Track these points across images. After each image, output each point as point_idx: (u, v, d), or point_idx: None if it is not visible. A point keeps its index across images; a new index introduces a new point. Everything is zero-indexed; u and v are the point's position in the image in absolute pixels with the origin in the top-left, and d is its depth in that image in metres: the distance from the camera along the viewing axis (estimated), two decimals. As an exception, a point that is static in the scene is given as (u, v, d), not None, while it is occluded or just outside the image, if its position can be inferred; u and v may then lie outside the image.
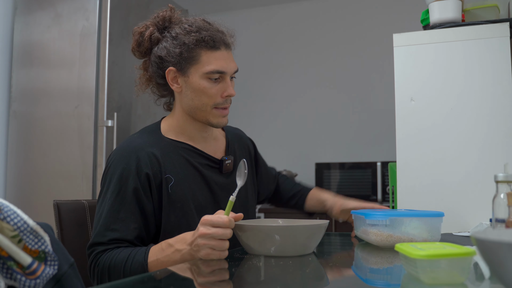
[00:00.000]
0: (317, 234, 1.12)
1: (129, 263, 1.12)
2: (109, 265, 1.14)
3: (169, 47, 1.26)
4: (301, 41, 4.00)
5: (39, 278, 0.73)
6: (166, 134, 1.32)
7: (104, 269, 1.14)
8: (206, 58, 1.25)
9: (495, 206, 1.00)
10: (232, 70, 1.28)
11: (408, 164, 1.68)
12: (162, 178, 1.23)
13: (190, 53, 1.25)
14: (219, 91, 1.27)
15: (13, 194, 2.68)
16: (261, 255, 1.08)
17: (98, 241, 1.17)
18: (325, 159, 3.69)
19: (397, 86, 1.73)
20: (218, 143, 1.41)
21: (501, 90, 1.62)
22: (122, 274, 1.12)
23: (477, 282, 0.82)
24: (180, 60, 1.25)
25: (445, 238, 1.33)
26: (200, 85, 1.25)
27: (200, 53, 1.25)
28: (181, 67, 1.26)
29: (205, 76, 1.25)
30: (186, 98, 1.29)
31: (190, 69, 1.26)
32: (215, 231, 1.00)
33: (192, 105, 1.28)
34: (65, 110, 2.60)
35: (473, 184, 1.61)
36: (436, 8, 1.73)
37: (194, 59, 1.25)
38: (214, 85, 1.26)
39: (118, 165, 1.22)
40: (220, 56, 1.26)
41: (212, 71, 1.24)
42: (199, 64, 1.25)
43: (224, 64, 1.26)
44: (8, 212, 0.72)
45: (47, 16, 2.72)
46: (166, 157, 1.25)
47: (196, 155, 1.31)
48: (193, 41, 1.24)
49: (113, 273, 1.13)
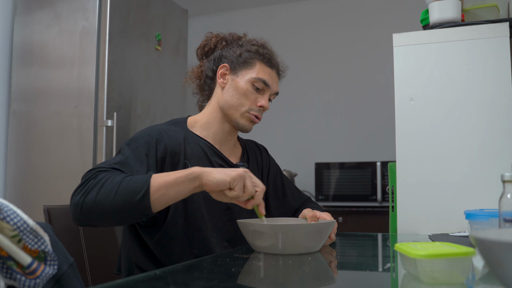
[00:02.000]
0: (324, 233, 1.12)
1: (129, 178, 1.06)
2: (107, 179, 1.05)
3: (232, 49, 1.41)
4: (300, 41, 4.00)
5: (39, 278, 0.73)
6: (191, 128, 1.39)
7: (100, 182, 1.05)
8: (259, 67, 1.38)
9: (502, 205, 0.99)
10: (274, 89, 1.41)
11: (407, 164, 1.68)
12: (181, 161, 1.27)
13: (248, 58, 1.38)
14: (256, 100, 1.37)
15: (12, 193, 2.68)
16: (268, 253, 1.09)
17: (98, 166, 1.13)
18: (324, 159, 3.69)
19: (396, 86, 1.73)
20: (236, 150, 1.47)
21: (500, 89, 1.62)
22: (118, 185, 1.03)
23: (476, 282, 0.82)
24: (236, 60, 1.38)
25: (440, 238, 1.34)
26: (244, 87, 1.36)
27: (256, 62, 1.38)
28: (234, 66, 1.38)
29: (252, 81, 1.36)
30: (226, 94, 1.38)
31: (242, 71, 1.38)
32: (257, 181, 1.08)
33: (229, 102, 1.37)
34: (64, 109, 2.60)
35: (472, 183, 1.61)
36: (435, 8, 1.73)
37: (249, 64, 1.38)
38: (255, 93, 1.37)
39: (142, 134, 1.26)
40: (271, 73, 1.40)
41: (260, 79, 1.36)
42: (251, 70, 1.37)
43: (271, 80, 1.39)
44: (8, 212, 0.72)
45: (46, 15, 2.72)
46: (188, 145, 1.31)
47: (214, 153, 1.37)
48: (254, 50, 1.38)
49: (108, 184, 1.04)
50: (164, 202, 1.06)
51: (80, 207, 1.04)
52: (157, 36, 2.97)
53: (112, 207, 1.03)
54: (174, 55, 3.17)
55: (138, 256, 1.28)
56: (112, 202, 1.03)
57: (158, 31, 2.99)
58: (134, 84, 2.76)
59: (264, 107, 1.37)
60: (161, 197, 1.04)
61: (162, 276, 0.88)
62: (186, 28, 3.35)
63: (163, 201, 1.05)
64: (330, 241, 1.27)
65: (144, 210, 1.04)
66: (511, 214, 0.98)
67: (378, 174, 3.20)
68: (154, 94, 2.94)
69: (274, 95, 1.43)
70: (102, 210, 1.04)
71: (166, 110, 3.05)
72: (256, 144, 1.59)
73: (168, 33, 3.11)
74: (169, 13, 3.15)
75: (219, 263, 1.01)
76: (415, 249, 0.76)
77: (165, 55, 3.07)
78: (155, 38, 2.96)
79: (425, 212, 1.64)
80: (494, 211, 1.24)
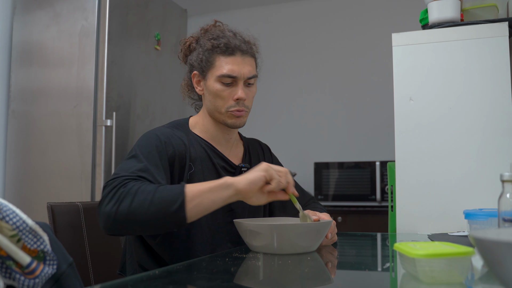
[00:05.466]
0: (320, 233, 1.12)
1: (163, 188, 1.06)
2: (139, 188, 1.05)
3: (196, 54, 1.37)
4: (300, 41, 4.00)
5: (38, 277, 0.73)
6: (193, 129, 1.39)
7: (131, 190, 1.04)
8: (220, 63, 1.32)
9: (501, 205, 0.99)
10: (244, 75, 1.32)
11: (407, 163, 1.68)
12: (186, 162, 1.28)
13: (208, 58, 1.33)
14: (230, 94, 1.32)
15: (12, 193, 2.68)
16: (265, 253, 1.09)
17: (121, 173, 1.11)
18: (324, 159, 3.69)
19: (396, 86, 1.74)
20: (237, 150, 1.46)
21: (499, 89, 1.62)
22: (153, 194, 1.03)
23: (475, 282, 0.82)
24: (201, 65, 1.35)
25: (440, 238, 1.34)
26: (214, 88, 1.32)
27: (215, 58, 1.33)
28: (202, 71, 1.35)
29: (218, 79, 1.32)
30: (206, 100, 1.37)
31: (208, 74, 1.34)
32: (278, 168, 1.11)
33: (210, 107, 1.36)
34: (64, 109, 2.60)
35: (471, 183, 1.61)
36: (435, 7, 1.73)
37: (211, 63, 1.33)
38: (226, 89, 1.32)
39: (150, 139, 1.25)
40: (233, 61, 1.32)
41: (223, 74, 1.31)
42: (214, 69, 1.33)
43: (235, 68, 1.32)
44: (7, 212, 0.72)
45: (46, 15, 2.71)
46: (192, 147, 1.32)
47: (216, 155, 1.37)
48: (210, 47, 1.33)
49: (141, 193, 1.04)
50: (199, 212, 1.07)
51: (114, 217, 1.03)
52: (156, 35, 2.97)
53: (147, 217, 1.03)
54: (174, 55, 3.17)
55: (142, 256, 1.29)
56: (147, 212, 1.03)
57: (157, 31, 2.99)
58: (133, 84, 2.76)
59: (240, 98, 1.31)
60: (196, 206, 1.05)
61: (161, 275, 0.88)
62: (185, 28, 3.35)
63: (198, 211, 1.06)
64: (332, 241, 1.27)
65: (179, 220, 1.05)
66: (510, 213, 0.98)
67: (377, 174, 3.20)
68: (153, 93, 2.94)
69: (251, 79, 1.34)
70: (136, 220, 1.04)
71: (165, 109, 3.05)
72: (260, 143, 1.58)
73: (167, 33, 3.10)
74: (168, 13, 3.15)
75: (218, 262, 1.01)
76: (414, 248, 0.76)
77: (164, 54, 3.06)
78: (154, 37, 2.96)
79: (424, 211, 1.64)
80: (493, 211, 1.24)
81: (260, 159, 1.51)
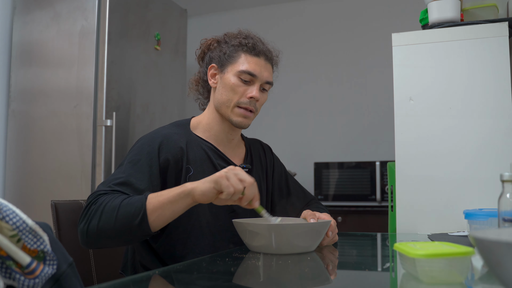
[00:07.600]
0: (318, 233, 1.12)
1: (126, 202, 1.09)
2: (106, 204, 1.09)
3: (219, 48, 1.39)
4: (300, 41, 4.00)
5: (38, 277, 0.73)
6: (194, 130, 1.39)
7: (100, 208, 1.09)
8: (244, 59, 1.35)
9: (501, 205, 0.99)
10: (263, 78, 1.36)
11: (407, 163, 1.68)
12: (183, 166, 1.28)
13: (232, 53, 1.36)
14: (245, 92, 1.34)
15: (11, 193, 2.68)
16: (264, 253, 1.09)
17: (99, 188, 1.16)
18: (324, 159, 3.69)
19: (396, 86, 1.73)
20: (239, 150, 1.46)
21: (500, 89, 1.62)
22: (117, 210, 1.08)
23: (475, 282, 0.82)
24: (222, 58, 1.37)
25: (440, 238, 1.34)
26: (230, 81, 1.34)
27: (240, 54, 1.35)
28: (221, 65, 1.37)
29: (238, 74, 1.33)
30: (217, 92, 1.37)
31: (228, 67, 1.36)
32: (244, 176, 1.07)
33: (220, 100, 1.36)
34: (64, 109, 2.60)
35: (471, 183, 1.61)
36: (435, 7, 1.73)
37: (234, 58, 1.35)
38: (243, 85, 1.34)
39: (143, 144, 1.27)
40: (257, 62, 1.35)
41: (244, 70, 1.33)
42: (236, 64, 1.35)
43: (257, 69, 1.34)
44: (7, 212, 0.72)
45: (46, 15, 2.71)
46: (190, 149, 1.31)
47: (217, 156, 1.37)
48: (238, 43, 1.36)
49: (107, 210, 1.08)
50: (162, 222, 1.10)
51: (86, 234, 1.10)
52: (156, 36, 2.97)
53: (115, 232, 1.09)
54: (173, 55, 3.17)
55: (144, 256, 1.29)
56: (114, 228, 1.08)
57: (157, 31, 2.99)
58: (133, 84, 2.76)
59: (254, 97, 1.33)
60: (158, 218, 1.09)
61: (161, 275, 0.88)
62: (185, 28, 3.35)
63: (160, 221, 1.10)
64: (333, 241, 1.27)
65: (145, 232, 1.09)
66: (510, 213, 0.98)
67: (377, 174, 3.20)
68: (153, 93, 2.94)
69: (267, 85, 1.38)
70: (106, 235, 1.09)
71: (165, 109, 3.05)
72: (261, 144, 1.58)
73: (167, 33, 3.10)
74: (168, 13, 3.15)
75: (218, 262, 1.01)
76: (414, 248, 0.76)
77: (164, 55, 3.06)
78: (154, 38, 2.96)
79: (424, 211, 1.64)
80: (493, 211, 1.24)
81: (262, 160, 1.51)
